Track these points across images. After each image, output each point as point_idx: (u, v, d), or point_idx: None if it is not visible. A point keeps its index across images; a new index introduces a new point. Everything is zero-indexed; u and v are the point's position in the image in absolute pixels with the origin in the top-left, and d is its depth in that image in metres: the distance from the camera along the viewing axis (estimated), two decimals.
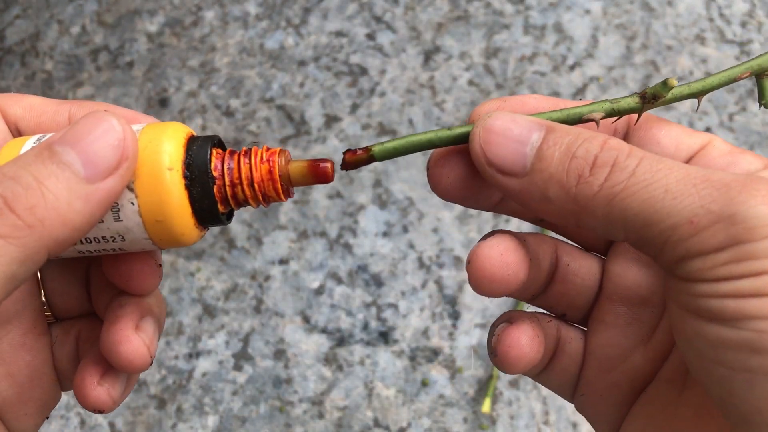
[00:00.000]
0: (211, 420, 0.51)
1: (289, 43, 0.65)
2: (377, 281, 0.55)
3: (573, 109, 0.21)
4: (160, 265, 0.24)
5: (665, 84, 0.20)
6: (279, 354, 0.53)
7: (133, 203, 0.20)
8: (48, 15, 0.67)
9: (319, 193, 0.58)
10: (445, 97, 0.61)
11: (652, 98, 0.21)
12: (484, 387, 0.51)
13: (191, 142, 0.21)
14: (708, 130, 0.59)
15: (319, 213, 0.57)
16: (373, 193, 0.58)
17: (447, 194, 0.22)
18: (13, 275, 0.17)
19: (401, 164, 0.59)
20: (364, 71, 0.63)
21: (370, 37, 0.65)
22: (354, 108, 0.61)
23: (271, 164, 0.21)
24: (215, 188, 0.21)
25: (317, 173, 0.21)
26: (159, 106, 0.62)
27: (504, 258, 0.21)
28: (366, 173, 0.58)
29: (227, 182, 0.21)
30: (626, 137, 0.23)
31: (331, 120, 0.61)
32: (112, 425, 0.51)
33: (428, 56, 0.63)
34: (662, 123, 0.22)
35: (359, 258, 0.55)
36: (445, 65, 0.63)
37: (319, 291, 0.54)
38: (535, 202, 0.20)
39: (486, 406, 0.48)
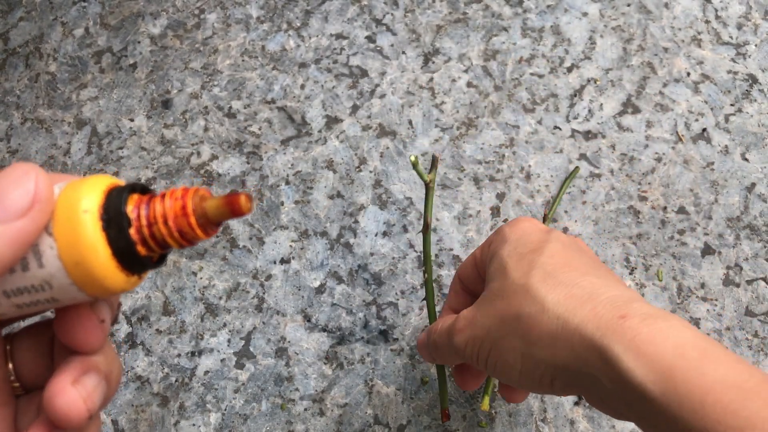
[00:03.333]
0: (213, 417, 0.51)
1: (290, 45, 0.65)
2: (377, 280, 0.55)
3: None
4: (104, 320, 0.24)
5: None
6: (280, 352, 0.53)
7: (52, 247, 0.21)
8: (52, 17, 0.68)
9: (319, 193, 0.58)
10: (444, 99, 0.62)
11: None
12: (483, 385, 0.52)
13: (112, 189, 0.22)
14: (704, 131, 0.60)
15: (320, 213, 0.58)
16: (373, 194, 0.58)
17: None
18: None
19: (401, 165, 0.59)
20: (364, 73, 0.63)
21: (371, 39, 0.65)
22: (354, 109, 0.62)
23: (184, 201, 0.22)
24: (133, 229, 0.21)
25: (232, 207, 0.21)
26: (162, 107, 0.63)
27: None
28: (366, 174, 0.59)
29: (144, 222, 0.22)
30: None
31: (331, 121, 0.61)
32: (115, 423, 0.51)
33: (427, 58, 0.64)
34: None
35: (359, 257, 0.56)
36: (444, 67, 0.63)
37: (320, 290, 0.55)
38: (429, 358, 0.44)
39: (485, 404, 0.48)
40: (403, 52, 0.64)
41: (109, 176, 0.22)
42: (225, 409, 0.51)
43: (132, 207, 0.22)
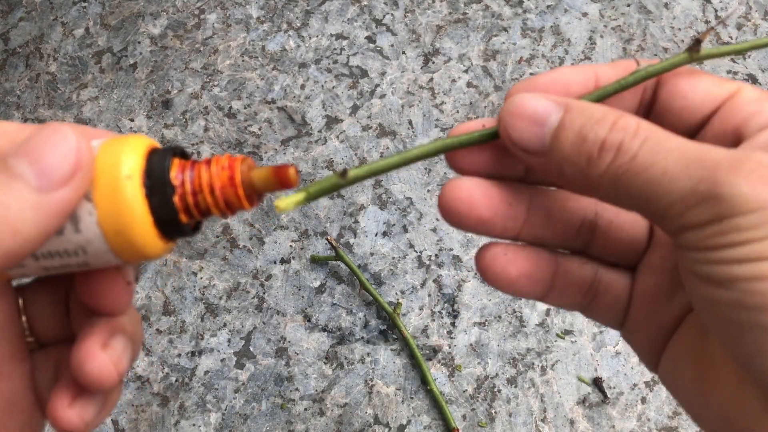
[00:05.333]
0: (214, 417, 0.51)
1: (290, 45, 0.65)
2: (377, 280, 0.55)
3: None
4: (130, 282, 0.23)
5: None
6: (280, 352, 0.53)
7: (91, 214, 0.19)
8: (52, 17, 0.68)
9: None
10: (444, 99, 0.62)
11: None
12: (482, 385, 0.52)
13: (153, 152, 0.21)
14: None
15: (320, 213, 0.58)
16: (373, 194, 0.58)
17: (474, 174, 0.24)
18: None
19: None
20: (364, 73, 0.63)
21: (371, 39, 0.65)
22: (354, 109, 0.62)
23: (232, 171, 0.21)
24: (176, 197, 0.20)
25: (281, 179, 0.21)
26: (162, 107, 0.63)
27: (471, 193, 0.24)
28: None
29: (188, 190, 0.21)
30: (656, 90, 0.24)
31: (331, 121, 0.61)
32: (115, 423, 0.51)
33: (427, 58, 0.64)
34: (691, 75, 0.24)
35: (359, 257, 0.56)
36: (444, 67, 0.63)
37: (320, 290, 0.55)
38: (554, 177, 0.22)
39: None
40: (403, 53, 0.64)
41: (145, 137, 0.21)
42: (225, 409, 0.51)
43: (175, 173, 0.21)
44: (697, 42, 0.22)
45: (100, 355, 0.22)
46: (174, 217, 0.20)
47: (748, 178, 0.18)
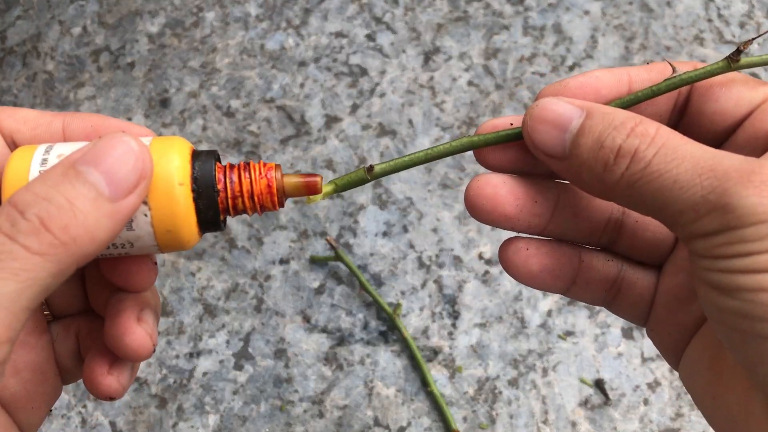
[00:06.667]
0: (212, 419, 0.51)
1: (289, 44, 0.65)
2: (377, 281, 0.55)
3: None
4: (156, 263, 0.25)
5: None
6: (279, 353, 0.53)
7: (146, 215, 0.22)
8: (49, 16, 0.68)
9: None
10: (444, 98, 0.62)
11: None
12: (483, 386, 0.51)
13: (195, 157, 0.23)
14: None
15: (319, 213, 0.57)
16: (373, 194, 0.58)
17: (502, 169, 0.25)
18: (47, 287, 0.19)
19: None
20: (364, 72, 0.63)
21: (370, 37, 0.65)
22: (354, 108, 0.61)
23: (269, 179, 0.24)
24: (219, 200, 0.23)
25: (309, 187, 0.24)
26: (160, 106, 0.62)
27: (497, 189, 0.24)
28: None
29: (229, 195, 0.23)
30: (689, 93, 0.24)
31: (331, 120, 0.61)
32: (113, 424, 0.51)
33: (428, 57, 0.64)
34: (724, 78, 0.24)
35: (359, 258, 0.55)
36: (444, 66, 0.63)
37: (320, 290, 0.55)
38: (573, 181, 0.23)
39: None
40: (404, 51, 0.64)
41: (183, 139, 0.24)
42: (223, 411, 0.51)
43: (217, 178, 0.23)
44: (737, 51, 0.22)
45: (137, 329, 0.24)
46: (216, 217, 0.23)
47: (758, 189, 0.18)
